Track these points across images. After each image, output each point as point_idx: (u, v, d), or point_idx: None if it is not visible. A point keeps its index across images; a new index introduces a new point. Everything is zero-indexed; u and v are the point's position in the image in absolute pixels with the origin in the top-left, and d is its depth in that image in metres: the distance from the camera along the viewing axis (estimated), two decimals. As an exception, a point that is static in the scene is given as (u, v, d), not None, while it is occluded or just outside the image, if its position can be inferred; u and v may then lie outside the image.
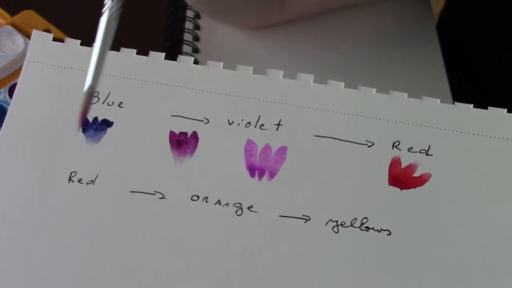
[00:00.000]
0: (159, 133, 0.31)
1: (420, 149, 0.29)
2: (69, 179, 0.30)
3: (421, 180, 0.29)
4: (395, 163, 0.29)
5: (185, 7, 0.45)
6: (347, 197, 0.29)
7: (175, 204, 0.29)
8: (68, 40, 0.33)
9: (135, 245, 0.29)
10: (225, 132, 0.31)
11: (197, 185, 0.30)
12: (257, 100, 0.31)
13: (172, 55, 0.33)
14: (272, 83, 0.31)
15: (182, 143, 0.31)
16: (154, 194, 0.30)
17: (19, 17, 0.42)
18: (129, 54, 0.33)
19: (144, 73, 0.32)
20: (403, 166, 0.29)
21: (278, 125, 0.31)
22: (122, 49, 0.33)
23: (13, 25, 0.42)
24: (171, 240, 0.29)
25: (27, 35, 0.41)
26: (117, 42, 0.33)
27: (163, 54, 0.33)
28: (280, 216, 0.29)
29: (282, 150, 0.30)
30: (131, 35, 0.41)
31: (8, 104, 0.36)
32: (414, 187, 0.29)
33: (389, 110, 0.30)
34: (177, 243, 0.29)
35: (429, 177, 0.29)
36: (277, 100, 0.31)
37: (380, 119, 0.30)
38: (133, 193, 0.30)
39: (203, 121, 0.31)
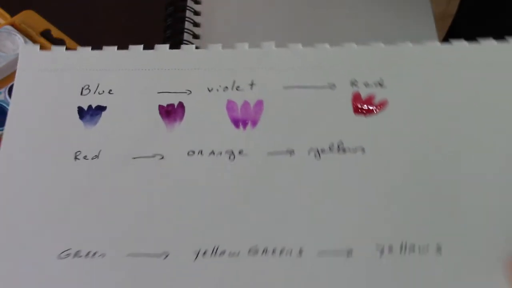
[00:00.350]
0: (149, 108, 0.35)
1: (374, 82, 0.35)
2: (75, 157, 0.33)
3: (381, 106, 0.34)
4: (356, 97, 0.34)
5: (184, 7, 0.45)
6: (321, 128, 0.33)
7: (175, 161, 0.33)
8: (54, 47, 0.38)
9: (142, 203, 0.32)
10: (207, 98, 0.35)
11: (191, 142, 0.34)
12: (230, 69, 0.36)
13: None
14: (240, 53, 0.36)
15: (171, 112, 0.35)
16: (154, 156, 0.33)
17: (19, 17, 0.42)
18: (110, 50, 0.37)
19: (127, 64, 0.36)
20: (363, 98, 0.34)
21: (252, 84, 0.35)
22: (104, 47, 0.37)
23: (13, 25, 0.42)
24: (174, 191, 0.32)
25: (27, 35, 0.41)
26: (117, 43, 0.37)
27: (141, 46, 0.37)
28: (268, 154, 0.33)
29: (259, 103, 0.35)
30: (131, 35, 0.43)
31: (8, 104, 0.38)
32: (376, 113, 0.34)
33: (343, 58, 0.36)
34: (179, 192, 0.32)
35: (387, 103, 0.34)
36: (247, 66, 0.36)
37: (336, 66, 0.35)
38: (135, 159, 0.33)
39: (186, 92, 0.35)
